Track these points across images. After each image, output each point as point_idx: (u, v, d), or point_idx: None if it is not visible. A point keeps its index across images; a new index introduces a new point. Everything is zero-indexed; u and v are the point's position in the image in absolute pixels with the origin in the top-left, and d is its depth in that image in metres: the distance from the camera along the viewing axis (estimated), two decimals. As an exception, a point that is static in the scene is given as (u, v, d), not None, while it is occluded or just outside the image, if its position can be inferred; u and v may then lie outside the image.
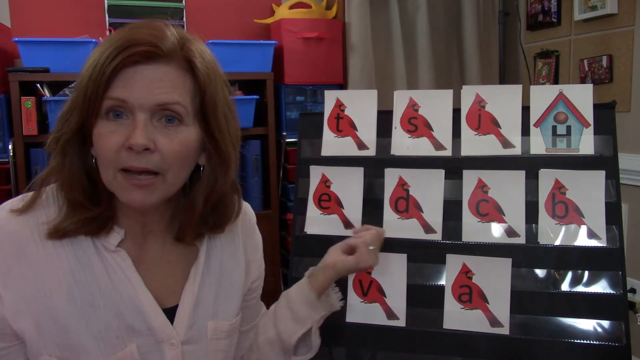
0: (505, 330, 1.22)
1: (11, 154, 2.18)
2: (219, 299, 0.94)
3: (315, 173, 1.41)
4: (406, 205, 1.34)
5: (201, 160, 0.84)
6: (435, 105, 1.38)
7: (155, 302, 0.85)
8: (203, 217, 0.87)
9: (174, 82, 0.76)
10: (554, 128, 1.30)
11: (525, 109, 1.32)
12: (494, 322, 1.23)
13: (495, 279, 1.24)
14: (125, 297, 0.83)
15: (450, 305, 1.26)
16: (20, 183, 2.19)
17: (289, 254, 1.40)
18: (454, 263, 1.27)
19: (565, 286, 1.22)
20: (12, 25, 2.45)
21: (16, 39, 2.21)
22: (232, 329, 0.96)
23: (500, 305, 1.23)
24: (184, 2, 2.58)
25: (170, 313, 0.87)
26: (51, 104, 2.16)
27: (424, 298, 1.28)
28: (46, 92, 2.22)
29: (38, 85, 2.22)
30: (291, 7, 2.64)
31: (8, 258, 0.79)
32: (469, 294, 1.25)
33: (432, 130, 1.37)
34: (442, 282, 1.28)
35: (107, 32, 2.41)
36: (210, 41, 2.37)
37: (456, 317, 1.25)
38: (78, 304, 0.80)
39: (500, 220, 1.28)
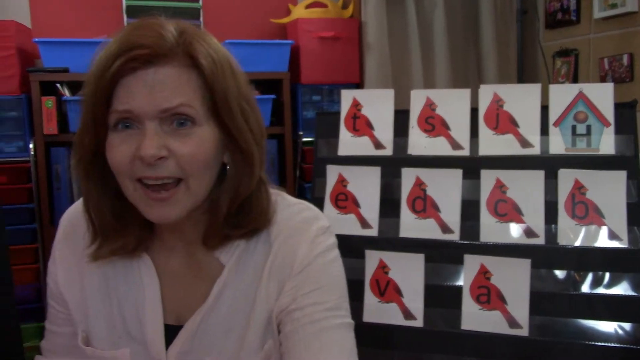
0: (524, 332, 1.20)
1: (32, 152, 2.21)
2: (233, 332, 0.81)
3: (332, 173, 1.41)
4: (423, 205, 1.33)
5: (226, 159, 0.78)
6: (453, 105, 1.38)
7: (160, 315, 0.81)
8: (227, 218, 0.80)
9: (176, 83, 0.71)
10: (574, 127, 1.29)
11: (544, 108, 1.31)
12: (513, 323, 1.22)
13: (514, 280, 1.23)
14: (132, 302, 0.82)
15: (468, 305, 1.25)
16: (41, 181, 2.22)
17: (306, 254, 1.40)
18: (471, 263, 1.26)
19: (585, 288, 1.21)
20: (32, 26, 2.48)
21: (36, 39, 2.24)
22: None
23: (519, 306, 1.22)
24: (200, 2, 2.60)
25: (176, 332, 0.81)
26: (71, 104, 2.18)
27: (442, 298, 1.28)
28: (66, 92, 2.25)
29: (58, 85, 2.24)
30: (307, 7, 2.63)
31: (67, 238, 0.87)
32: (487, 295, 1.24)
33: (450, 130, 1.37)
34: (460, 282, 1.27)
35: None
36: (227, 41, 2.38)
37: (474, 317, 1.24)
38: (99, 296, 0.84)
39: (519, 221, 1.26)
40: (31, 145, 2.21)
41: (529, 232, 1.25)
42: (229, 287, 0.81)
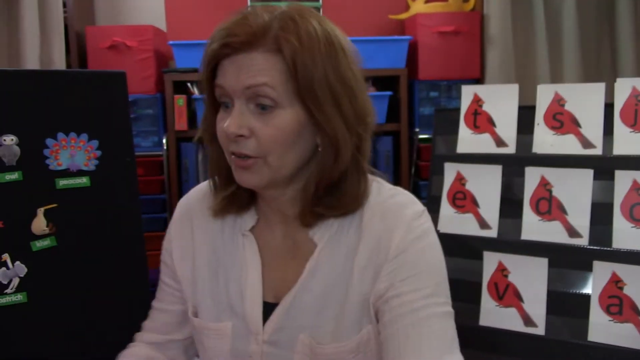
0: (661, 349, 1.10)
1: (165, 147, 2.39)
2: (328, 311, 0.83)
3: (450, 170, 1.38)
4: (548, 206, 1.26)
5: (318, 140, 0.80)
6: (584, 100, 1.29)
7: (260, 292, 0.86)
8: (318, 198, 0.82)
9: (261, 66, 0.76)
10: None
11: (693, 104, 1.19)
12: (649, 338, 1.12)
13: (652, 291, 1.12)
14: (236, 279, 0.87)
15: (597, 316, 1.16)
16: (172, 174, 2.40)
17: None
18: (602, 271, 1.17)
19: None
20: (167, 30, 2.68)
21: (171, 42, 2.42)
22: (332, 354, 0.82)
23: (657, 320, 1.11)
24: (320, 1, 2.65)
25: (273, 309, 0.85)
26: (199, 102, 2.33)
27: (566, 306, 1.20)
28: (195, 91, 2.41)
29: (189, 84, 2.41)
30: (427, 1, 2.59)
31: (182, 218, 0.95)
32: (619, 306, 1.15)
33: (580, 127, 1.28)
34: (588, 290, 1.19)
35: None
36: (345, 38, 2.41)
37: (603, 329, 1.15)
38: (208, 272, 0.90)
39: (659, 227, 1.16)
40: (164, 141, 2.39)
41: (670, 240, 1.14)
42: (322, 266, 0.84)
